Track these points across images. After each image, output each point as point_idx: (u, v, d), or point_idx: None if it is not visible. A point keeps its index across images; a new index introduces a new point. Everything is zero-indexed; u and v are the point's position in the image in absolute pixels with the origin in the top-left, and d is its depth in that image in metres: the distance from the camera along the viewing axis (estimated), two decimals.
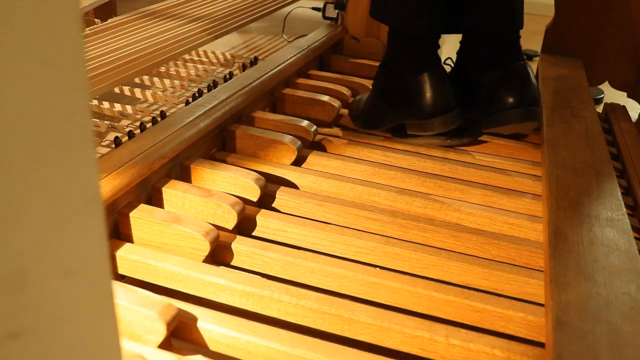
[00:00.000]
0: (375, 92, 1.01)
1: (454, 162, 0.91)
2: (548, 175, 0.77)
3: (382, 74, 0.99)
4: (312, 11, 1.71)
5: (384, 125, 1.00)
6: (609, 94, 1.60)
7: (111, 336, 0.23)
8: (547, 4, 2.45)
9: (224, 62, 1.45)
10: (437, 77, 0.93)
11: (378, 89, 1.00)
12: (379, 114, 0.99)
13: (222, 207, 0.71)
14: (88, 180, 0.20)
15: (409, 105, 0.94)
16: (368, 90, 1.19)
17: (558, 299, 0.53)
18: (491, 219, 0.78)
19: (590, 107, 1.00)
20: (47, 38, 0.17)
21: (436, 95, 0.93)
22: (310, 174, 0.85)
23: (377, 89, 1.00)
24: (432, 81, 0.92)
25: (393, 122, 0.98)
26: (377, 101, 0.99)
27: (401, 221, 0.75)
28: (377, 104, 0.99)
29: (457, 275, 0.68)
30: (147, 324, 0.54)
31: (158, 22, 1.36)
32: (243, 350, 0.56)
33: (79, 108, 0.19)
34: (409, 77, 0.93)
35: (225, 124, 0.91)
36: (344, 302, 0.61)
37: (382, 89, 0.98)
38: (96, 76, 1.01)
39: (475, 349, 0.56)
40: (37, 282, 0.18)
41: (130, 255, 0.66)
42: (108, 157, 0.72)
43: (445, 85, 0.93)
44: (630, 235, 0.64)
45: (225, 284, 0.63)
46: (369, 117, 1.01)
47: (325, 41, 1.31)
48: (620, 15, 1.22)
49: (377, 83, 1.01)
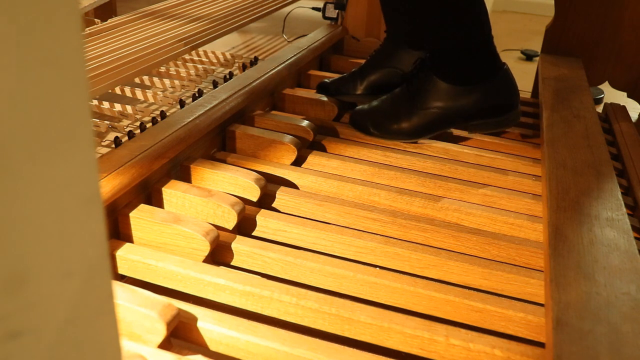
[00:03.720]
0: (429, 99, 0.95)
1: (454, 162, 0.91)
2: (548, 175, 0.77)
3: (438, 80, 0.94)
4: (312, 11, 1.71)
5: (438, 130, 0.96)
6: (609, 94, 1.60)
7: (111, 336, 0.23)
8: (547, 4, 2.44)
9: (224, 62, 1.45)
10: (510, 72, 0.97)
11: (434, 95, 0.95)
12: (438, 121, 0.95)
13: (222, 207, 0.71)
14: (88, 180, 0.20)
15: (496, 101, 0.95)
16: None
17: (558, 299, 0.53)
18: (491, 219, 0.78)
19: (590, 107, 1.00)
20: (47, 38, 0.17)
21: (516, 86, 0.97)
22: (310, 174, 0.85)
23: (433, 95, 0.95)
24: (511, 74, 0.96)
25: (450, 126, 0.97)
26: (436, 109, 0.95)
27: (401, 221, 0.75)
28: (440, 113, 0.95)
29: (457, 275, 0.68)
30: (147, 324, 0.54)
31: (158, 22, 1.36)
32: (243, 350, 0.56)
33: (79, 108, 0.19)
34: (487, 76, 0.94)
35: (225, 124, 0.91)
36: (344, 302, 0.61)
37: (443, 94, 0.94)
38: (96, 76, 1.01)
39: (475, 349, 0.56)
40: (37, 282, 0.18)
41: (130, 255, 0.66)
42: (108, 157, 0.72)
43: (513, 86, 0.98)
44: (630, 235, 0.64)
45: (225, 284, 0.63)
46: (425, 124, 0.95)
47: (325, 41, 1.31)
48: (620, 15, 1.22)
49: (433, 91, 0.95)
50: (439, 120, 0.95)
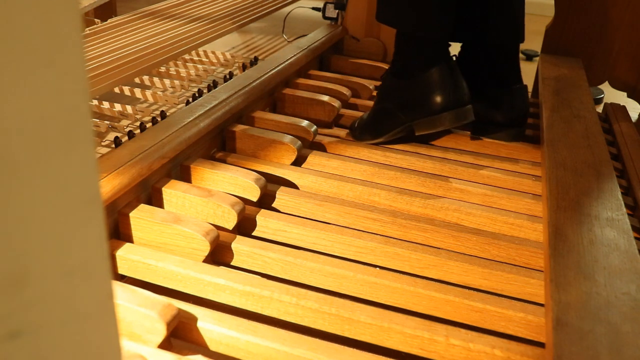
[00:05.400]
0: (381, 97, 0.97)
1: (454, 162, 0.91)
2: (548, 175, 0.77)
3: (389, 76, 0.95)
4: (312, 11, 1.71)
5: (390, 130, 0.95)
6: (609, 94, 1.60)
7: (111, 336, 0.23)
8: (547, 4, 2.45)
9: (224, 62, 1.45)
10: (449, 70, 0.90)
11: (384, 93, 0.96)
12: (384, 118, 0.95)
13: (222, 207, 0.71)
14: (88, 180, 0.20)
15: (420, 102, 0.90)
16: (368, 90, 1.19)
17: (558, 299, 0.53)
18: (491, 219, 0.78)
19: (590, 107, 1.00)
20: (47, 38, 0.17)
21: (448, 88, 0.89)
22: (310, 174, 0.85)
23: (383, 93, 0.97)
24: (444, 74, 0.89)
25: (400, 124, 0.94)
26: (382, 105, 0.96)
27: (401, 221, 0.75)
28: (383, 108, 0.96)
29: (457, 275, 0.68)
30: (147, 324, 0.54)
31: (158, 22, 1.36)
32: (243, 350, 0.56)
33: (79, 108, 0.19)
34: (420, 74, 0.90)
35: (225, 124, 0.91)
36: (344, 302, 0.61)
37: (389, 91, 0.95)
38: (96, 76, 1.01)
39: (475, 349, 0.56)
40: (37, 282, 0.18)
41: (130, 255, 0.65)
42: (108, 157, 0.72)
43: (458, 78, 0.90)
44: (630, 235, 0.64)
45: (225, 284, 0.63)
46: (374, 124, 0.96)
47: (325, 41, 1.31)
48: (620, 15, 1.22)
49: (383, 88, 0.97)
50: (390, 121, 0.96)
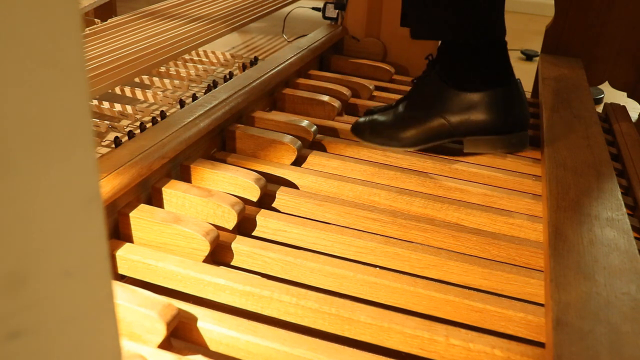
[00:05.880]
0: (420, 103, 0.91)
1: (454, 162, 0.91)
2: (548, 175, 0.77)
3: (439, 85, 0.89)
4: (312, 11, 1.71)
5: (431, 140, 0.91)
6: (609, 94, 1.60)
7: (111, 336, 0.23)
8: (547, 4, 2.44)
9: (224, 62, 1.45)
10: (520, 90, 0.88)
11: (426, 99, 0.90)
12: (424, 126, 0.90)
13: (222, 207, 0.71)
14: (88, 180, 0.20)
15: (482, 117, 0.86)
16: (368, 90, 1.19)
17: (558, 299, 0.53)
18: (491, 219, 0.78)
19: (590, 107, 1.00)
20: (47, 38, 0.17)
21: (523, 109, 0.87)
22: (310, 174, 0.85)
23: (425, 99, 0.91)
24: (519, 93, 0.87)
25: (447, 135, 0.90)
26: (424, 112, 0.90)
27: (401, 221, 0.75)
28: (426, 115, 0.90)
29: (457, 275, 0.68)
30: (147, 324, 0.54)
31: (158, 22, 1.36)
32: (243, 350, 0.56)
33: (79, 108, 0.19)
34: (487, 88, 0.86)
35: (225, 124, 0.91)
36: (344, 302, 0.61)
37: (439, 101, 0.89)
38: (96, 76, 1.01)
39: (475, 349, 0.56)
40: (37, 282, 0.18)
41: (130, 255, 0.66)
42: (108, 157, 0.72)
43: (525, 100, 0.89)
44: (630, 235, 0.64)
45: (225, 284, 0.63)
46: (406, 130, 0.91)
47: (325, 41, 1.31)
48: (620, 15, 1.22)
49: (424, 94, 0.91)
50: (438, 132, 0.90)
